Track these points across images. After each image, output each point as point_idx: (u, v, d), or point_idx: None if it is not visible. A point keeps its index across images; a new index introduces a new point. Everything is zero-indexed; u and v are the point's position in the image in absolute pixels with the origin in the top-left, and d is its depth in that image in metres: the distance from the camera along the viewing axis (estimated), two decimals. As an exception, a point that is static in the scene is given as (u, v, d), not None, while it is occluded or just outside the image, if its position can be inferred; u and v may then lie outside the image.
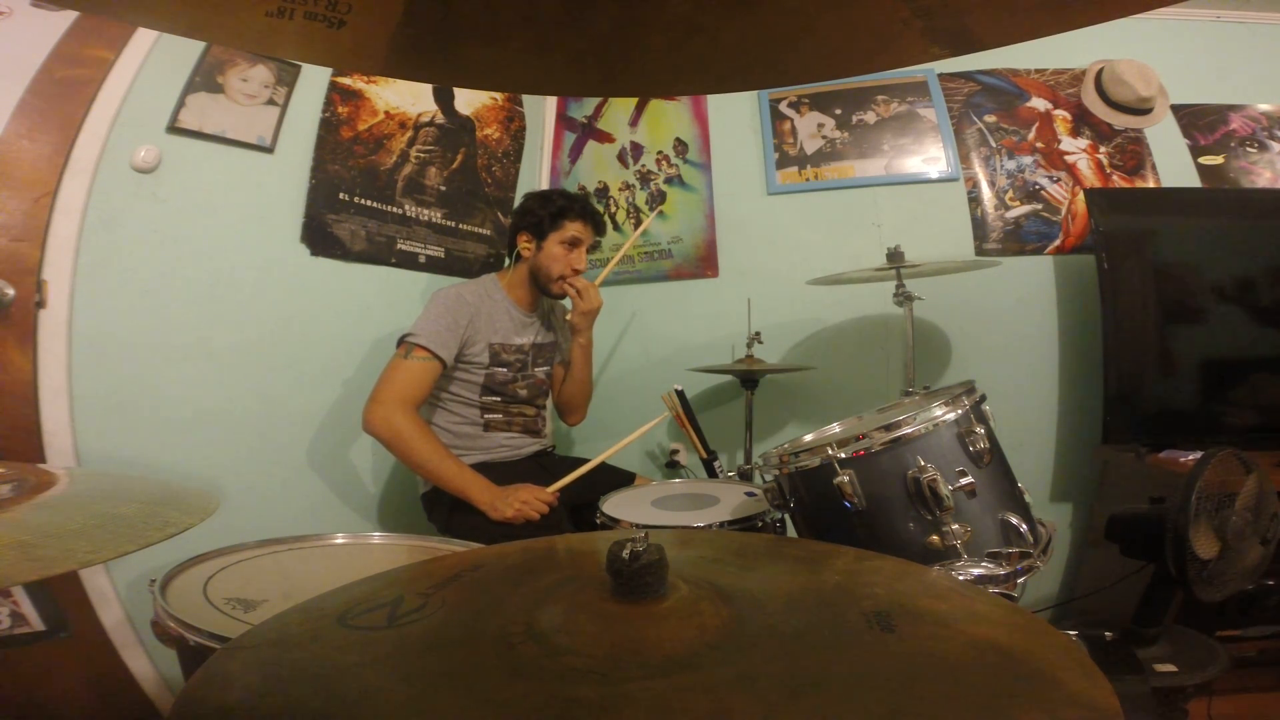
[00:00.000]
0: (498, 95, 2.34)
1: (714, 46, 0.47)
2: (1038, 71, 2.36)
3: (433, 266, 2.12)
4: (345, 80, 1.90)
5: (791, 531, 1.38)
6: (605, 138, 2.60)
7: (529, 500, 1.54)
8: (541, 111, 2.62)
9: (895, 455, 1.11)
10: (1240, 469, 1.20)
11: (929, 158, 2.34)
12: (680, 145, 2.51)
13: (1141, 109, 2.27)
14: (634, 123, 2.57)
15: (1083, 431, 2.17)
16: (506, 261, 1.89)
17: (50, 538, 0.54)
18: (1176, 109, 2.28)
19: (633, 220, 2.53)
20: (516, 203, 1.98)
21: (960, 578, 1.01)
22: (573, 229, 1.78)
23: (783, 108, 2.44)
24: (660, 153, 2.53)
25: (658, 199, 2.51)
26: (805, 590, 0.61)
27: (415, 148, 2.08)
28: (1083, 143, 2.29)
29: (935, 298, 2.04)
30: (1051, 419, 2.23)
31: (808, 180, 2.39)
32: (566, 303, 1.88)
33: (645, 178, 2.53)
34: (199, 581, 0.94)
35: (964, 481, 1.08)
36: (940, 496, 1.06)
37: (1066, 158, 2.29)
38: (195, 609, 0.86)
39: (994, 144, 2.32)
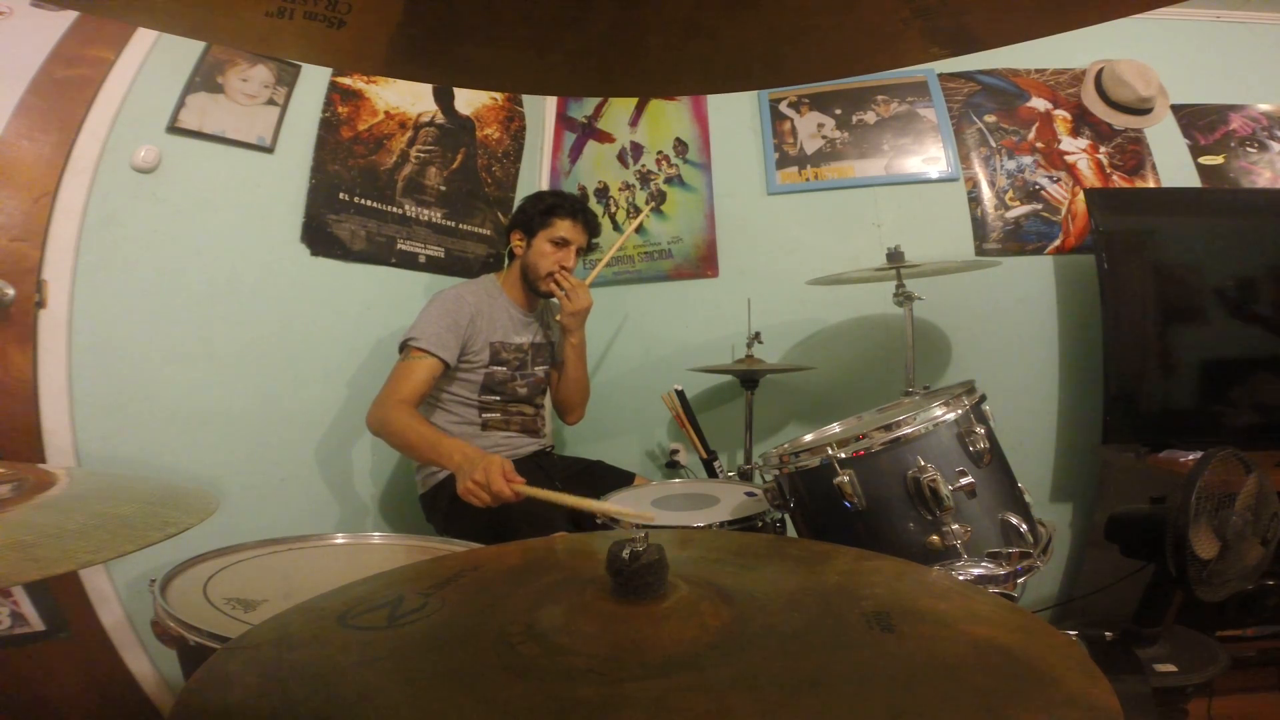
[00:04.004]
0: (498, 95, 2.34)
1: (714, 46, 0.47)
2: (1038, 71, 2.36)
3: (433, 266, 2.12)
4: (345, 80, 1.90)
5: (791, 531, 1.38)
6: (605, 138, 2.59)
7: (481, 484, 1.33)
8: (541, 111, 2.61)
9: (895, 455, 1.11)
10: (1240, 469, 1.20)
11: (929, 158, 2.34)
12: (680, 145, 2.51)
13: (1141, 109, 2.27)
14: (634, 123, 2.57)
15: (1083, 431, 2.17)
16: (506, 262, 1.90)
17: (50, 538, 0.54)
18: (1176, 109, 2.28)
19: (634, 220, 2.53)
20: (516, 203, 1.99)
21: (960, 578, 1.01)
22: (561, 228, 1.78)
23: (783, 108, 2.44)
24: (660, 153, 2.52)
25: (658, 199, 2.51)
26: (805, 590, 0.61)
27: (415, 148, 2.08)
28: (1083, 143, 2.29)
29: (935, 298, 2.04)
30: (1051, 419, 2.22)
31: (808, 180, 2.39)
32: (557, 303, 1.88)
33: (645, 178, 2.53)
34: (199, 581, 0.94)
35: (964, 481, 1.08)
36: (940, 496, 1.06)
37: (1066, 158, 2.28)
38: (195, 609, 0.86)
39: (994, 144, 2.32)
